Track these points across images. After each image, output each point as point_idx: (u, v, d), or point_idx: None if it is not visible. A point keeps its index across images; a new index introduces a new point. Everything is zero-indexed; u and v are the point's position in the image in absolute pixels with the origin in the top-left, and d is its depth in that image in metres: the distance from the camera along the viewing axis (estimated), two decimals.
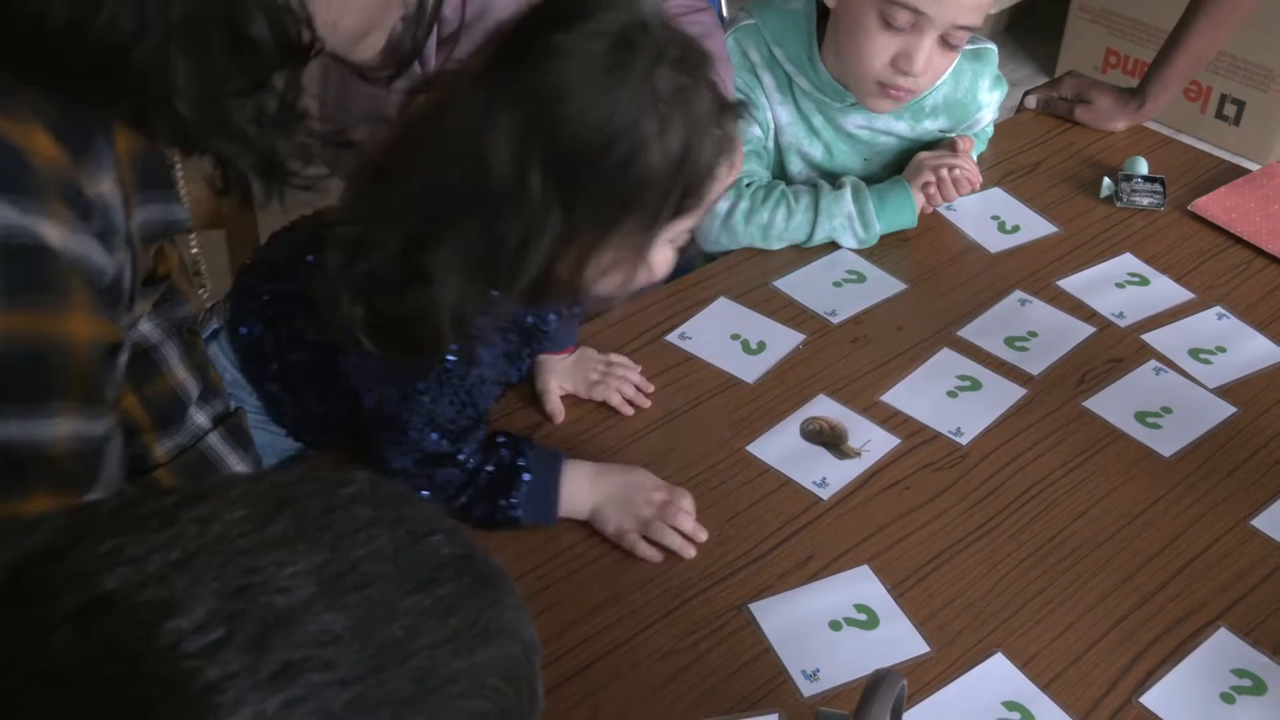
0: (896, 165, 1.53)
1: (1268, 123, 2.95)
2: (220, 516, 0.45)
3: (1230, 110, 3.01)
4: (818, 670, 1.00)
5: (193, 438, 1.01)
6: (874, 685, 0.71)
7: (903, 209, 1.46)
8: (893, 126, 1.51)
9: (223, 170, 0.77)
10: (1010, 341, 1.33)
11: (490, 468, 1.07)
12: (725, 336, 1.32)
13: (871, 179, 1.49)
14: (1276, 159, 2.93)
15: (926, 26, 1.34)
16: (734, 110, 0.98)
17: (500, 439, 1.09)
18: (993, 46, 1.54)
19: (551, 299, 1.02)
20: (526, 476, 1.06)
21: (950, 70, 1.47)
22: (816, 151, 1.51)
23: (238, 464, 1.04)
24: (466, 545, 0.50)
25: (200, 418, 1.03)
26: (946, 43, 1.37)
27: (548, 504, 1.08)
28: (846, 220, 1.44)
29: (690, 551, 1.08)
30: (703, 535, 1.09)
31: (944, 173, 1.46)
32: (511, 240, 0.92)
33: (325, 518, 0.46)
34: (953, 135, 1.53)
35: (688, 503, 1.10)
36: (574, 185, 0.90)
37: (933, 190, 1.47)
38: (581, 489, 1.09)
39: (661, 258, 0.99)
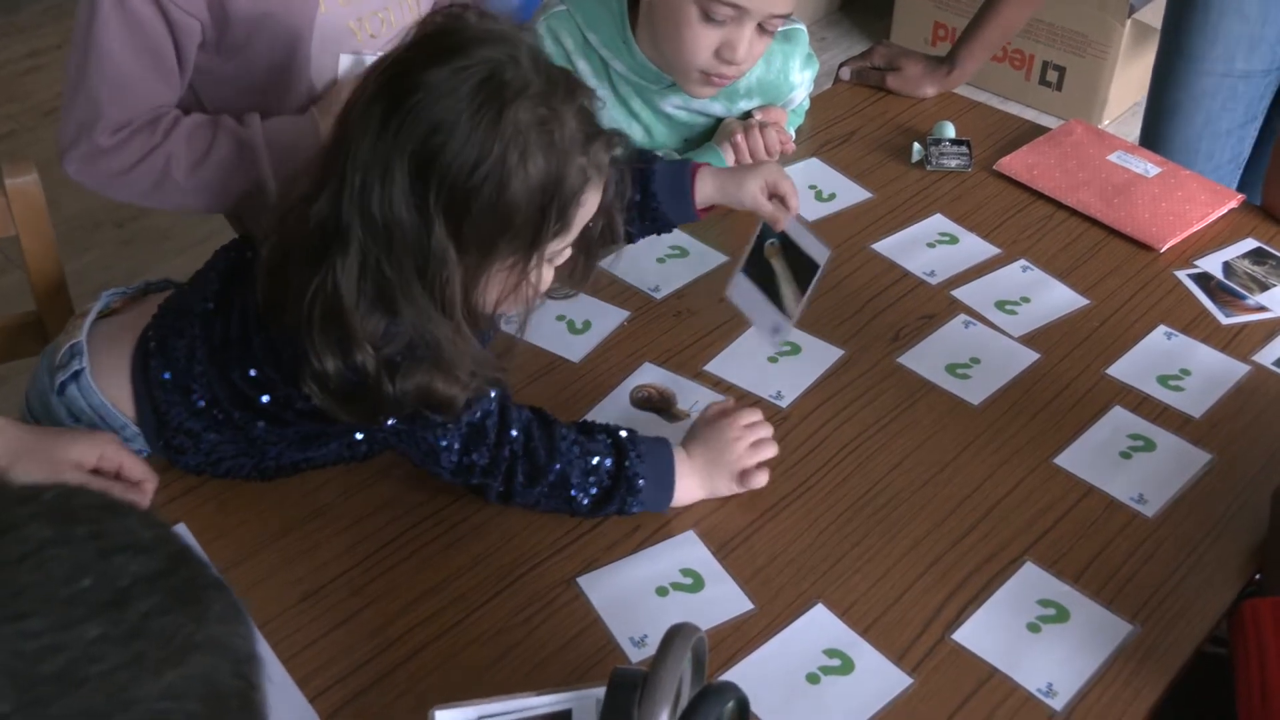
0: None
1: (1088, 86, 3.08)
2: None
3: (1052, 76, 3.14)
4: (645, 636, 1.02)
5: None
6: (668, 639, 0.73)
7: None
8: (709, 108, 1.54)
9: None
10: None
11: (604, 477, 1.09)
12: (550, 318, 1.33)
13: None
14: (1099, 119, 3.07)
15: (745, 18, 1.37)
16: (604, 138, 1.01)
17: (605, 439, 1.10)
18: (802, 27, 1.57)
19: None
20: (641, 483, 1.09)
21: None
22: (636, 134, 1.53)
23: None
24: (172, 558, 0.48)
25: None
26: (763, 29, 1.40)
27: (664, 501, 1.12)
28: None
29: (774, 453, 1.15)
30: (774, 447, 1.15)
31: (754, 130, 1.49)
32: (430, 278, 0.96)
33: None
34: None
35: (757, 414, 1.16)
36: (460, 218, 0.95)
37: (739, 139, 1.49)
38: (687, 479, 1.12)
39: (545, 276, 1.03)
